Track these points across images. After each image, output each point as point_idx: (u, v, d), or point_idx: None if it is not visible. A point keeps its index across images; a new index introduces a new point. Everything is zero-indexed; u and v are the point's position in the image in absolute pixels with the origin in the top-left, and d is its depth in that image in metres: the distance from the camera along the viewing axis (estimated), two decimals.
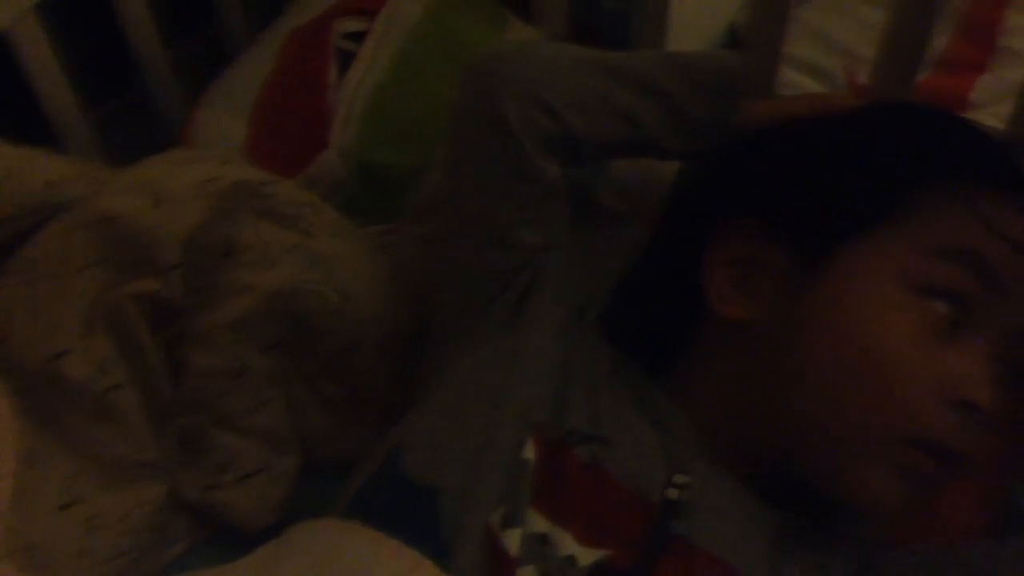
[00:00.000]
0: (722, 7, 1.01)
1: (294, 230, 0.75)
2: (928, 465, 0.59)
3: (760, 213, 0.65)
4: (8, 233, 0.74)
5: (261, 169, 0.80)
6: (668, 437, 0.64)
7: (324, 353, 0.74)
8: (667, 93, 0.68)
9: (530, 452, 0.60)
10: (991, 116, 0.95)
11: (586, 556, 0.57)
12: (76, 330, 0.70)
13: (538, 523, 0.57)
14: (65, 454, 0.69)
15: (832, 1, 1.05)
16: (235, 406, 0.73)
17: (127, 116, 1.04)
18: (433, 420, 0.64)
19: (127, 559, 0.70)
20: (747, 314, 0.64)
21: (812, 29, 1.01)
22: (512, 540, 0.56)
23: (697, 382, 0.66)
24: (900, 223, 0.61)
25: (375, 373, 0.75)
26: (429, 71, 0.90)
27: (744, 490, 0.63)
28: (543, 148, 0.66)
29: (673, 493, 0.61)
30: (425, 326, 0.73)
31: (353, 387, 0.76)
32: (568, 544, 0.57)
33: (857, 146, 0.65)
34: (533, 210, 0.67)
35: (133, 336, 0.71)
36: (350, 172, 0.86)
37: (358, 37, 0.93)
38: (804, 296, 0.62)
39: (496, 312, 0.67)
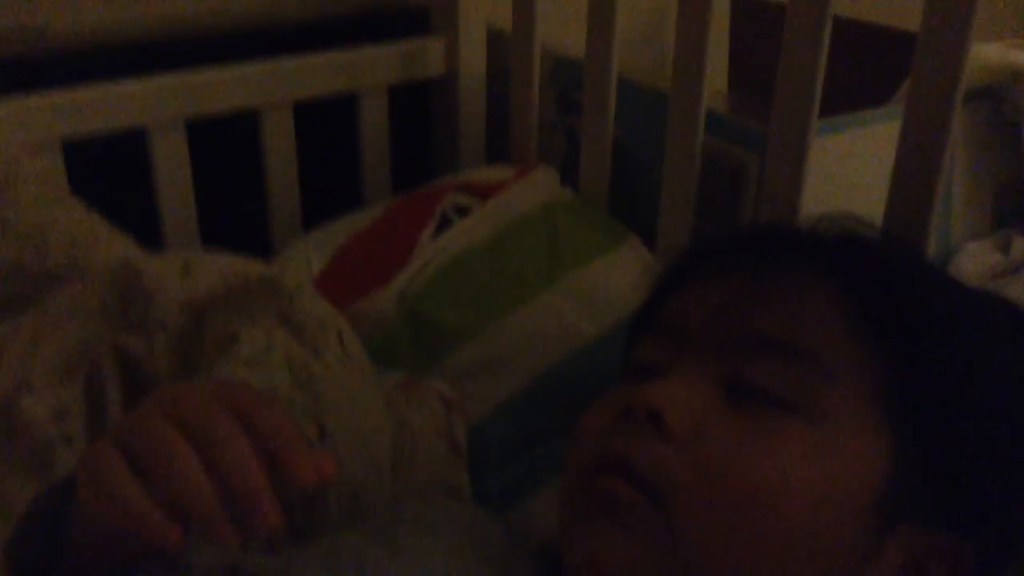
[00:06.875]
0: None
1: (306, 346, 0.71)
2: (617, 485, 0.50)
3: None
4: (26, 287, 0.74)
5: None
6: None
7: None
8: None
9: None
10: None
11: None
12: (51, 371, 0.67)
13: None
14: None
15: None
16: None
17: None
18: None
19: None
20: None
21: None
22: None
23: None
24: None
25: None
26: (520, 255, 0.87)
27: None
28: None
29: None
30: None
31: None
32: None
33: None
34: None
35: (103, 391, 0.67)
36: (400, 315, 0.83)
37: (466, 212, 0.92)
38: None
39: None
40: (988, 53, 0.99)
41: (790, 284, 0.55)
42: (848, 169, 0.83)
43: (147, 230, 0.88)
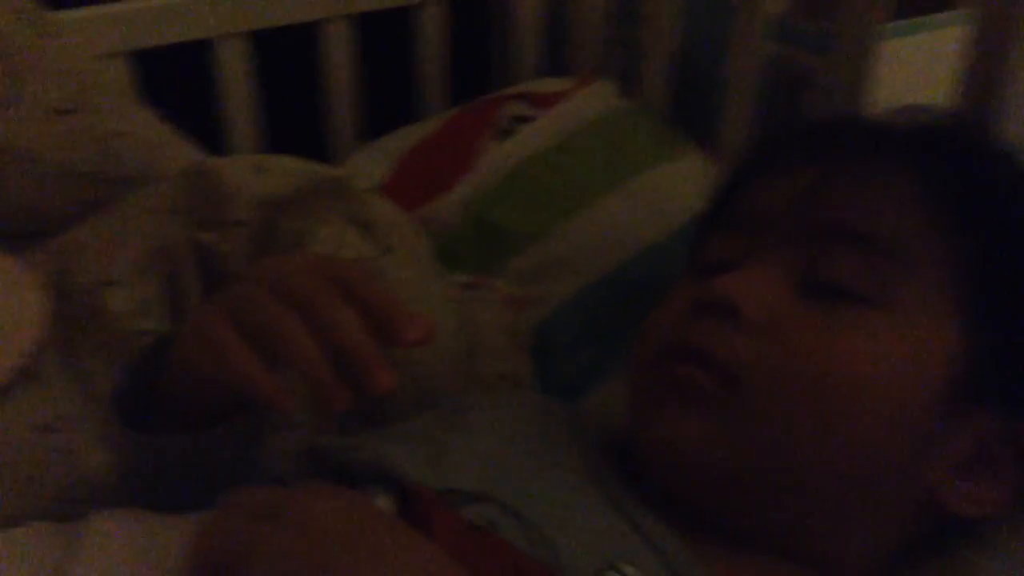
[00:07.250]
0: None
1: (375, 245, 0.73)
2: (692, 371, 0.51)
3: None
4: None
5: None
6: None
7: None
8: None
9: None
10: None
11: None
12: (132, 267, 0.69)
13: None
14: (63, 377, 0.67)
15: None
16: None
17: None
18: None
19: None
20: None
21: None
22: None
23: None
24: None
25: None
26: (583, 161, 0.88)
27: None
28: None
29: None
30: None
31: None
32: None
33: None
34: None
35: (183, 287, 0.70)
36: (465, 220, 0.85)
37: (527, 122, 0.93)
38: None
39: None
40: None
41: (867, 175, 0.55)
42: (913, 74, 0.82)
43: (209, 143, 0.90)
